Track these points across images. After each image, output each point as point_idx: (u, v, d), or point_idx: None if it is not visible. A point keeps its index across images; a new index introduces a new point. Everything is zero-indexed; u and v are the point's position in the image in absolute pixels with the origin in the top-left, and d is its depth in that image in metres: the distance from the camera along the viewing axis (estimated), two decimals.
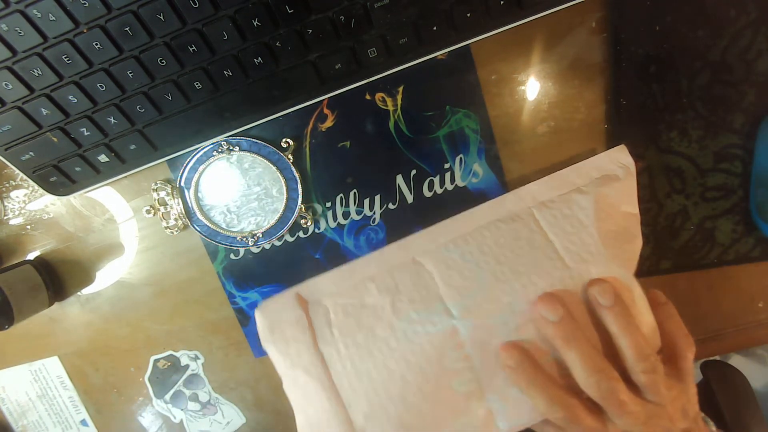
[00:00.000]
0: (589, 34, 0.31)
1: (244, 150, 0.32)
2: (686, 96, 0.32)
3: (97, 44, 0.27)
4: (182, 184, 0.33)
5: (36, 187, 0.33)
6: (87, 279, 0.37)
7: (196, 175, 0.33)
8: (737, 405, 0.44)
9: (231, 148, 0.32)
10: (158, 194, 0.33)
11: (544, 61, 0.32)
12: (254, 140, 0.32)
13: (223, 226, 0.34)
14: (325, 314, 0.31)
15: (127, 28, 0.26)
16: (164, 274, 0.37)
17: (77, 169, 0.32)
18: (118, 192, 0.35)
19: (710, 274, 0.35)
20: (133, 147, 0.31)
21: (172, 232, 0.34)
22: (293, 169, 0.32)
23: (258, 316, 0.31)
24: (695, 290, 0.36)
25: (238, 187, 0.33)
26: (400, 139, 0.33)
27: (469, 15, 0.29)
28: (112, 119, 0.30)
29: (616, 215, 0.31)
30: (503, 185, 0.34)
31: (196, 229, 0.34)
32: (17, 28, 0.26)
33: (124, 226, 0.36)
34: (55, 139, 0.30)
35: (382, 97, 0.33)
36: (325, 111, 0.33)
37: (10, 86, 0.28)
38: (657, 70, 0.31)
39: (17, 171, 0.32)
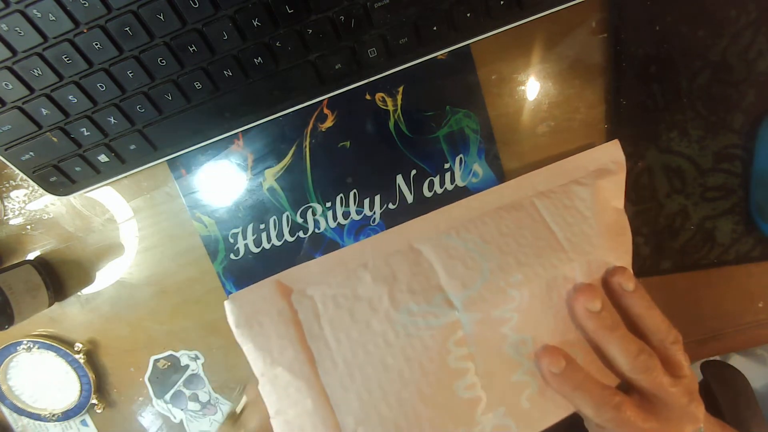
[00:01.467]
0: (589, 34, 0.31)
1: (42, 348, 0.38)
2: (686, 96, 0.32)
3: (97, 44, 0.27)
4: None
5: (36, 187, 0.33)
6: (87, 279, 0.37)
7: (4, 365, 0.39)
8: (737, 405, 0.44)
9: (32, 347, 0.38)
10: None
11: (544, 61, 0.32)
12: (51, 343, 0.38)
13: (30, 404, 0.40)
14: (312, 306, 0.28)
15: (127, 28, 0.26)
16: (164, 274, 0.37)
17: (77, 169, 0.32)
18: (118, 192, 0.35)
19: (710, 274, 0.35)
20: (133, 147, 0.31)
21: None
22: (85, 368, 0.38)
23: (230, 307, 0.28)
24: (695, 290, 0.36)
25: (40, 376, 0.40)
26: (400, 139, 0.33)
27: (469, 15, 0.29)
28: (112, 119, 0.30)
29: (609, 209, 0.30)
30: None
31: (5, 408, 0.40)
32: (17, 28, 0.26)
33: (124, 226, 0.36)
34: (55, 139, 0.30)
35: (382, 97, 0.33)
36: (325, 111, 0.33)
37: (10, 86, 0.28)
38: (657, 70, 0.31)
39: (17, 171, 0.32)
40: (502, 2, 0.28)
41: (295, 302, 0.28)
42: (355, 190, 0.34)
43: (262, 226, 0.35)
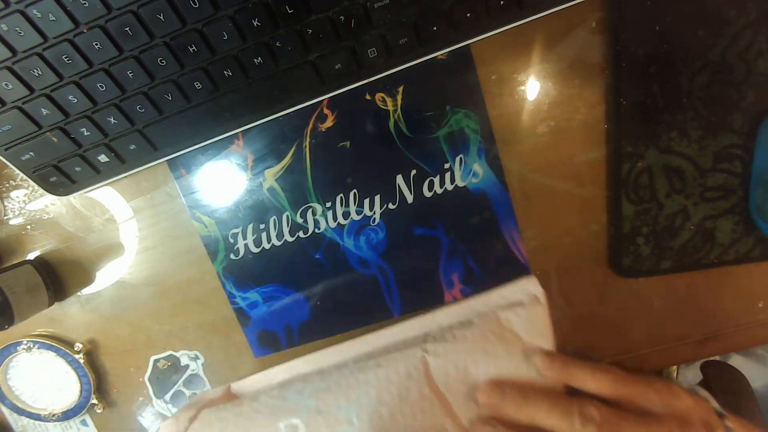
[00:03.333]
0: (589, 34, 0.31)
1: (42, 348, 0.38)
2: (686, 96, 0.32)
3: (97, 44, 0.27)
4: None
5: (36, 187, 0.33)
6: (87, 279, 0.37)
7: (4, 365, 0.39)
8: (737, 405, 0.44)
9: (32, 347, 0.38)
10: None
11: (544, 61, 0.32)
12: (51, 343, 0.38)
13: (30, 404, 0.41)
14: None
15: (127, 28, 0.26)
16: (164, 274, 0.37)
17: (77, 169, 0.32)
18: (118, 192, 0.35)
19: (710, 274, 0.35)
20: (133, 147, 0.31)
21: None
22: (85, 368, 0.39)
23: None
24: (695, 290, 0.36)
25: (40, 376, 0.40)
26: (400, 139, 0.33)
27: (469, 15, 0.29)
28: (112, 119, 0.30)
29: (517, 342, 0.30)
30: (503, 185, 0.34)
31: (5, 408, 0.41)
32: (17, 28, 0.26)
33: (124, 226, 0.36)
34: (55, 139, 0.30)
35: (382, 97, 0.33)
36: (325, 111, 0.33)
37: (10, 86, 0.28)
38: (657, 70, 0.31)
39: (17, 171, 0.32)
40: (502, 2, 0.28)
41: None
42: (355, 190, 0.34)
43: (262, 226, 0.35)
